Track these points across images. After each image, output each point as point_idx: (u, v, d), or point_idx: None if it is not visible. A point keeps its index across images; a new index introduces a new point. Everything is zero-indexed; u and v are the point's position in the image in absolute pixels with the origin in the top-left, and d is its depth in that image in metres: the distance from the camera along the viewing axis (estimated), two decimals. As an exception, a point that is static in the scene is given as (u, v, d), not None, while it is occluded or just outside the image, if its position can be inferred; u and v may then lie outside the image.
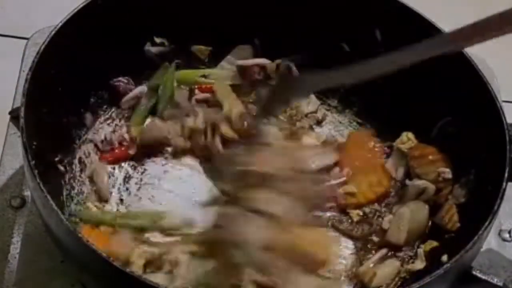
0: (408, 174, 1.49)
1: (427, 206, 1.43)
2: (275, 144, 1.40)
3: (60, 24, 1.34)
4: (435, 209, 1.43)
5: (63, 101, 1.40)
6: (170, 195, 1.45)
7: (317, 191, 1.38)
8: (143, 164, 1.48)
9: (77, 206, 1.40)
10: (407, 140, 1.51)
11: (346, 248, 1.43)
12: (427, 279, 1.17)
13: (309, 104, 1.60)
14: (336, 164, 1.50)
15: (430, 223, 1.44)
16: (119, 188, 1.45)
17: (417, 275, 1.36)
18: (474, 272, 1.29)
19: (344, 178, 1.47)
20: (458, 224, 1.38)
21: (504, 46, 1.95)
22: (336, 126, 1.62)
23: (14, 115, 1.48)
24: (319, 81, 1.35)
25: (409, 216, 1.41)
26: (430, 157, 1.46)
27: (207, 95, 1.55)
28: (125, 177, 1.46)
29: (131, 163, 1.48)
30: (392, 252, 1.42)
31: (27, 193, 1.46)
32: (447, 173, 1.44)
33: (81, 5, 1.37)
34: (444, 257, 1.33)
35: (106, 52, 1.48)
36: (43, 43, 1.31)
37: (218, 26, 1.56)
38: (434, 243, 1.41)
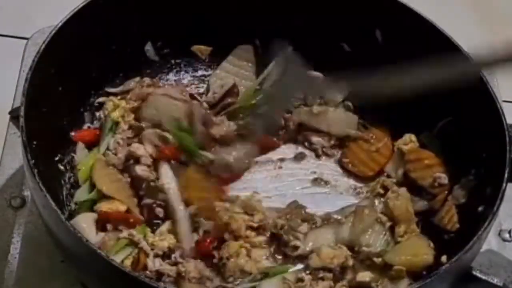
0: (407, 176, 1.49)
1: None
2: None
3: (60, 24, 1.34)
4: (434, 210, 1.43)
5: (63, 101, 1.40)
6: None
7: None
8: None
9: (77, 205, 1.40)
10: (409, 141, 1.51)
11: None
12: (427, 279, 1.18)
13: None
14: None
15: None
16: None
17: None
18: (474, 272, 1.29)
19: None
20: (458, 225, 1.38)
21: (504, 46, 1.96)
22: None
23: (14, 115, 1.48)
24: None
25: None
26: (426, 161, 1.45)
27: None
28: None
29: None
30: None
31: (27, 193, 1.46)
32: (443, 178, 1.43)
33: (81, 5, 1.38)
34: (444, 258, 1.33)
35: (106, 52, 1.48)
36: (43, 43, 1.31)
37: (218, 26, 1.56)
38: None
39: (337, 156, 1.54)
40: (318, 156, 1.54)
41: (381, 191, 1.46)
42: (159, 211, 1.39)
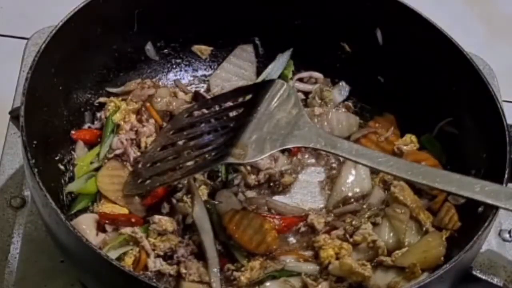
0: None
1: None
2: None
3: (60, 24, 1.34)
4: (434, 211, 1.43)
5: (63, 101, 1.40)
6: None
7: None
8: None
9: (68, 198, 1.39)
10: (409, 142, 1.51)
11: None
12: (427, 279, 1.17)
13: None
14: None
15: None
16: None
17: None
18: (474, 272, 1.29)
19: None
20: (459, 223, 1.38)
21: (504, 46, 1.97)
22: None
23: (14, 115, 1.48)
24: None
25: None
26: (423, 163, 1.45)
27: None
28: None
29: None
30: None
31: (27, 193, 1.46)
32: None
33: (81, 5, 1.37)
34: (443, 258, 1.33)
35: (106, 51, 1.48)
36: (43, 42, 1.31)
37: (219, 25, 1.56)
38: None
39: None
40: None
41: (381, 185, 1.46)
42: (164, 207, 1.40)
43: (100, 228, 1.35)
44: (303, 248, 1.41)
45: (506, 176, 1.28)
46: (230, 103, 1.45)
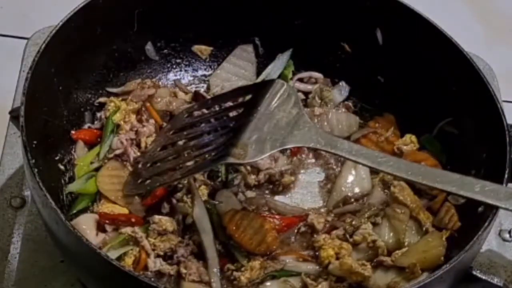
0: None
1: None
2: None
3: (60, 24, 1.35)
4: (433, 211, 1.43)
5: (63, 101, 1.40)
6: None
7: None
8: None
9: (68, 198, 1.39)
10: (409, 142, 1.51)
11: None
12: (427, 279, 1.18)
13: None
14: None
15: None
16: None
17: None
18: (474, 272, 1.29)
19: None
20: (459, 223, 1.38)
21: (504, 46, 1.97)
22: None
23: (14, 115, 1.48)
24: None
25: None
26: (423, 163, 1.45)
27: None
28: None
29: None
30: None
31: (27, 193, 1.46)
32: None
33: (81, 5, 1.38)
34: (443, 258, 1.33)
35: (106, 51, 1.48)
36: (43, 42, 1.31)
37: (219, 25, 1.56)
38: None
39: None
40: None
41: (381, 185, 1.46)
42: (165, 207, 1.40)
43: (100, 228, 1.35)
44: (303, 248, 1.41)
45: (506, 176, 1.28)
46: (230, 103, 1.45)
